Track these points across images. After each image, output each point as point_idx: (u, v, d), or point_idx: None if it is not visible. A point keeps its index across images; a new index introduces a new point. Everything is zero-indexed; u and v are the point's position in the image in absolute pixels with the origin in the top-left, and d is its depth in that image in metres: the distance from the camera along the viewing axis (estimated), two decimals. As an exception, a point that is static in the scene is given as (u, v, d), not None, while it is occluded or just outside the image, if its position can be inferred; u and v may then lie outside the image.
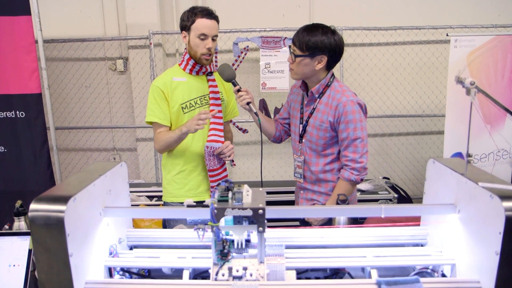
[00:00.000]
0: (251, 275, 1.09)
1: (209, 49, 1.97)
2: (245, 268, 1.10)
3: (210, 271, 1.11)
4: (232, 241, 1.14)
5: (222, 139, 2.06)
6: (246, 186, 1.12)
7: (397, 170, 4.03)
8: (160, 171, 3.71)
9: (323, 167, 1.98)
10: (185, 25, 1.98)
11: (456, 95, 2.98)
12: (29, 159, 3.02)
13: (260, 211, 1.05)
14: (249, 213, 1.05)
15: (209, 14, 1.96)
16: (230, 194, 1.08)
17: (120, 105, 3.94)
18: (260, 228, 1.07)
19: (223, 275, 1.09)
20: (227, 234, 1.14)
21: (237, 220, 1.09)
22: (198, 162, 2.10)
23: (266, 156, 3.78)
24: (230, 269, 1.10)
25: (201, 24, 1.94)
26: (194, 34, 1.96)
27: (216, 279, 1.08)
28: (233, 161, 2.14)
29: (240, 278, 1.09)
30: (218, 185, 1.10)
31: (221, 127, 2.09)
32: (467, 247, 1.10)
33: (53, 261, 0.96)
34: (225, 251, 1.12)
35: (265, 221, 1.06)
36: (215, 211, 1.05)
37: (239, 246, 1.14)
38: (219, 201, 1.07)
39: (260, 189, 1.16)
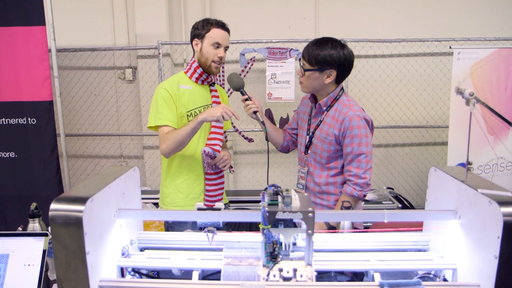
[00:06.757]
0: (301, 276, 1.11)
1: (220, 58, 2.05)
2: (294, 270, 1.13)
3: (259, 272, 1.13)
4: (281, 243, 1.17)
5: (220, 148, 2.10)
6: (293, 191, 1.16)
7: (401, 180, 4.05)
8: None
9: (326, 179, 1.98)
10: (199, 34, 2.05)
11: (459, 106, 3.02)
12: (39, 165, 3.08)
13: (310, 214, 1.09)
14: (299, 216, 1.09)
15: (223, 25, 2.06)
16: (279, 198, 1.12)
17: (128, 113, 4.02)
18: (309, 231, 1.10)
19: (274, 276, 1.12)
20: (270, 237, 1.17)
21: (286, 224, 1.13)
22: (202, 171, 2.13)
23: (271, 165, 3.77)
24: (280, 270, 1.13)
25: (216, 33, 2.03)
26: (208, 42, 2.03)
27: (267, 280, 1.11)
28: (231, 167, 2.18)
29: (289, 279, 1.11)
30: (265, 189, 1.14)
31: (221, 137, 2.13)
32: (468, 252, 1.14)
33: (71, 258, 1.01)
34: (275, 253, 1.15)
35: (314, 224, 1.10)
36: (267, 214, 1.08)
37: (286, 249, 1.17)
38: (269, 204, 1.10)
39: (305, 194, 1.21)
